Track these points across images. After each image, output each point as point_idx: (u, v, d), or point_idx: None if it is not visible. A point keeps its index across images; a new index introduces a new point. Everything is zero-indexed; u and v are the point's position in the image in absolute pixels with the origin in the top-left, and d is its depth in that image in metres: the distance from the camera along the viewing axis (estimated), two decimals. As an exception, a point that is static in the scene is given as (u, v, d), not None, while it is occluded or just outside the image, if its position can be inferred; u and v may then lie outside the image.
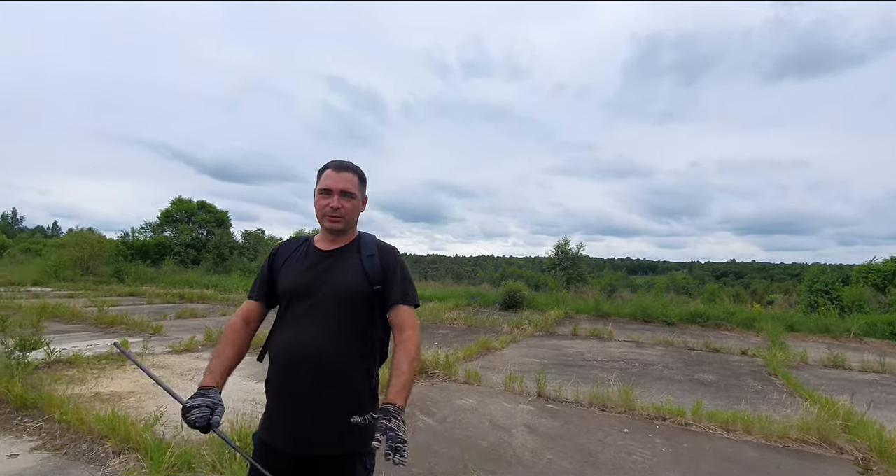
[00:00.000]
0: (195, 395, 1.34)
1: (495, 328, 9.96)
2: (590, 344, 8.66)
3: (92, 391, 4.30)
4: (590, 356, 7.40)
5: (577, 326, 10.11)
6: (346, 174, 1.53)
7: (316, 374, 1.41)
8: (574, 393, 4.78)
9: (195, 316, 10.14)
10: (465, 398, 4.65)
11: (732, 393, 5.43)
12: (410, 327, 1.51)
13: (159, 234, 27.09)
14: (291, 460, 1.41)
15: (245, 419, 3.51)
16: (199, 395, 1.33)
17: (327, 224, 1.51)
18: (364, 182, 1.61)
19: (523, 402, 4.62)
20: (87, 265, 20.02)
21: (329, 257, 1.54)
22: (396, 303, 1.52)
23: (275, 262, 1.60)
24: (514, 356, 7.06)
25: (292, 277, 1.52)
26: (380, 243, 1.61)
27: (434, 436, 3.63)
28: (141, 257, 24.33)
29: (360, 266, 1.51)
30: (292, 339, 1.45)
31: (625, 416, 4.27)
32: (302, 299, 1.48)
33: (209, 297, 14.12)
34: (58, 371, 4.84)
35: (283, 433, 1.42)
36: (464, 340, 8.06)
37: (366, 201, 1.64)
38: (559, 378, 5.57)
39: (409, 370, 1.40)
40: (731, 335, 10.86)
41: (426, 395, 4.68)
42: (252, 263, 25.66)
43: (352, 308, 1.47)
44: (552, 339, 9.21)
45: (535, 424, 3.99)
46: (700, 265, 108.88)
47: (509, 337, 8.55)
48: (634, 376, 6.01)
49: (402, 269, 1.58)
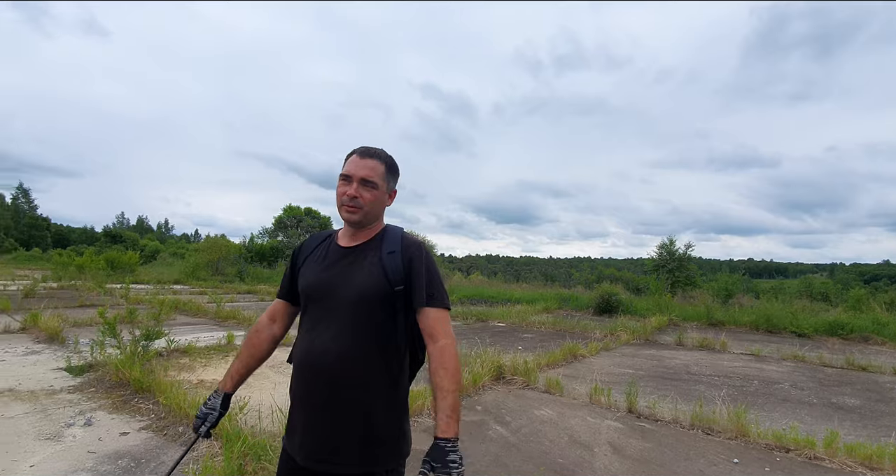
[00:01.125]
0: (205, 402, 1.42)
1: (586, 334, 9.33)
2: (697, 355, 7.69)
3: (198, 379, 4.77)
4: (696, 370, 6.54)
5: (682, 335, 9.07)
6: (370, 161, 1.38)
7: (329, 385, 1.29)
8: (672, 411, 4.20)
9: (296, 313, 10.98)
10: (545, 409, 4.33)
11: (881, 422, 4.39)
12: (443, 335, 1.31)
13: (273, 239, 30.13)
14: (310, 473, 1.32)
15: None
16: (204, 403, 1.41)
17: (344, 214, 1.38)
18: (393, 172, 1.44)
19: (610, 417, 4.17)
20: (217, 267, 22.90)
21: (349, 255, 1.40)
22: (422, 305, 1.33)
23: (297, 260, 1.51)
24: (603, 365, 6.49)
25: (309, 278, 1.41)
26: (405, 238, 1.43)
27: (506, 447, 3.40)
28: (259, 259, 27.25)
29: (379, 264, 1.35)
30: (307, 345, 1.35)
31: (735, 444, 3.63)
32: (318, 302, 1.36)
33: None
34: (172, 359, 5.48)
35: (299, 444, 1.32)
36: (549, 346, 7.64)
37: (394, 195, 1.48)
38: (655, 393, 4.97)
39: (452, 389, 1.24)
40: (883, 351, 8.95)
41: (502, 403, 4.44)
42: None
43: (370, 312, 1.32)
44: (651, 348, 8.36)
45: (621, 444, 3.55)
46: (843, 267, 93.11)
47: (600, 344, 7.93)
48: (751, 396, 5.15)
49: (429, 266, 1.38)
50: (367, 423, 1.29)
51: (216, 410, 1.44)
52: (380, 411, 1.31)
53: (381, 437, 1.30)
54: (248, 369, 1.49)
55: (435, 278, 1.38)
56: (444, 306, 1.36)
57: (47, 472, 2.73)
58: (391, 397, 1.34)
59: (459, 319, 11.46)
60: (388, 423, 1.32)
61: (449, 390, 1.24)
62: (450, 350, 1.29)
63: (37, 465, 2.82)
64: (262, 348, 1.50)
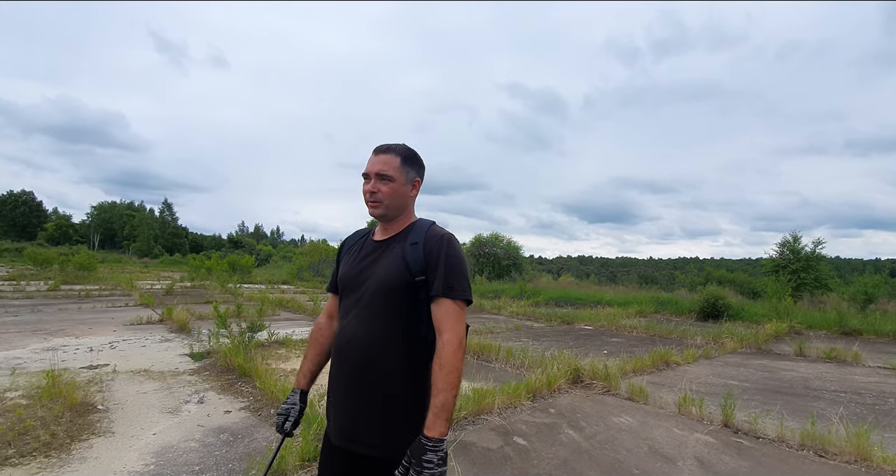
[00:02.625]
0: (285, 400, 1.51)
1: (683, 340, 8.56)
2: (821, 368, 6.67)
3: (291, 367, 5.24)
4: (818, 384, 5.68)
5: (803, 344, 7.92)
6: (384, 156, 1.44)
7: (355, 371, 1.37)
8: (777, 428, 3.70)
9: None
10: (624, 416, 4.07)
11: None
12: (448, 329, 1.29)
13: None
14: (344, 453, 1.40)
15: None
16: (284, 402, 1.50)
17: (369, 210, 1.46)
18: (410, 163, 1.47)
19: (701, 430, 3.79)
20: (318, 268, 24.91)
21: (379, 248, 1.48)
22: (437, 295, 1.33)
23: (340, 255, 1.62)
24: (700, 374, 5.91)
25: (343, 270, 1.52)
26: (430, 230, 1.45)
27: (577, 453, 3.26)
28: (354, 262, 29.09)
29: (401, 255, 1.40)
30: (339, 332, 1.44)
31: (854, 469, 3.09)
32: (350, 292, 1.45)
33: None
34: (272, 349, 6.08)
35: (332, 425, 1.43)
36: (638, 351, 7.14)
37: (417, 184, 1.50)
38: (760, 407, 4.41)
39: (444, 386, 1.22)
40: None
41: (578, 407, 4.26)
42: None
43: (394, 302, 1.36)
44: (763, 357, 7.41)
45: (711, 460, 3.22)
46: None
47: (699, 351, 7.22)
48: (882, 415, 4.35)
49: (450, 257, 1.37)
50: (387, 409, 1.33)
51: (297, 405, 1.53)
52: (401, 398, 1.34)
53: (403, 424, 1.33)
54: (318, 366, 1.59)
55: (455, 270, 1.36)
56: (462, 298, 1.34)
57: (165, 440, 3.20)
58: (415, 386, 1.36)
59: (543, 321, 11.19)
60: (410, 410, 1.34)
61: (441, 389, 1.22)
62: (450, 347, 1.27)
63: (158, 433, 3.32)
64: (326, 344, 1.59)
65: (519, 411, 4.07)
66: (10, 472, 2.66)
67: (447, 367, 1.24)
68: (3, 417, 3.19)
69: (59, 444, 3.03)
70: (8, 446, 2.88)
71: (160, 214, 68.08)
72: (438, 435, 1.19)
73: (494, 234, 29.41)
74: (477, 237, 29.01)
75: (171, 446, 3.12)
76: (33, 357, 5.47)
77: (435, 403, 1.21)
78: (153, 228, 60.69)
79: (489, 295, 17.91)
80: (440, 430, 1.19)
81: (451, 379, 1.23)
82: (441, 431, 1.19)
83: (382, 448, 1.32)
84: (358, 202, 1.67)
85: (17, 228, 59.72)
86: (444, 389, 1.22)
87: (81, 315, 9.23)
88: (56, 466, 2.77)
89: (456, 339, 1.28)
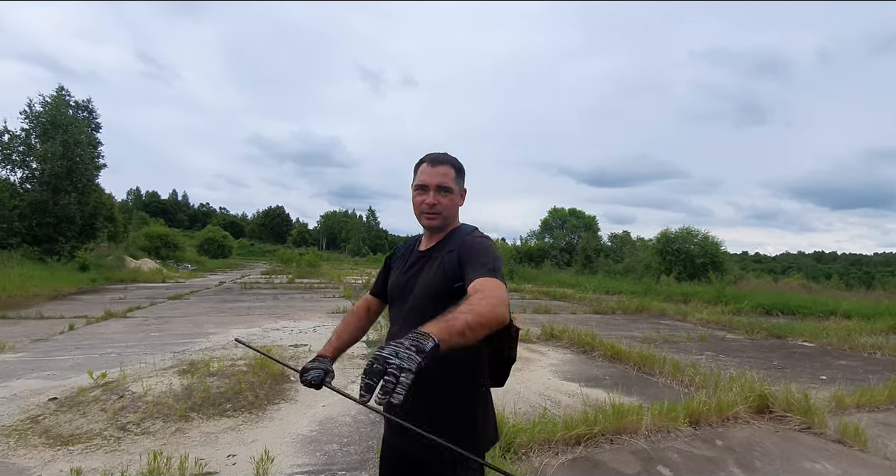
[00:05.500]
0: (312, 360, 1.47)
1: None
2: None
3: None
4: None
5: None
6: (442, 168, 1.45)
7: None
8: None
9: (549, 311, 11.31)
10: (824, 463, 3.13)
11: None
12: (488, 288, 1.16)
13: (541, 240, 31.75)
14: (399, 452, 1.46)
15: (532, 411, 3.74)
16: (316, 360, 1.47)
17: (424, 221, 1.48)
18: (461, 174, 1.50)
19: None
20: (492, 266, 25.93)
21: (422, 258, 1.50)
22: (470, 279, 1.23)
23: (388, 265, 1.66)
24: None
25: (391, 280, 1.57)
26: (468, 236, 1.43)
27: (738, 498, 2.67)
28: (528, 260, 29.26)
29: (441, 263, 1.41)
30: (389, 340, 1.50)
31: None
32: (397, 302, 1.50)
33: (569, 296, 15.37)
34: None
35: (386, 426, 1.51)
36: (874, 380, 5.37)
37: (464, 194, 1.52)
38: None
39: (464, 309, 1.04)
40: None
41: (756, 443, 3.46)
42: (618, 265, 26.02)
43: (437, 311, 1.35)
44: None
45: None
46: None
47: None
48: None
49: (476, 248, 1.34)
50: (433, 414, 1.36)
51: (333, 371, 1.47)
52: (446, 404, 1.37)
53: (447, 429, 1.33)
54: (345, 344, 1.61)
55: (483, 257, 1.29)
56: (495, 275, 1.23)
57: (329, 412, 3.82)
58: (461, 392, 1.38)
59: (742, 332, 9.35)
60: (455, 416, 1.36)
61: (460, 310, 1.05)
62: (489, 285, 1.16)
63: (326, 406, 3.97)
64: (359, 335, 1.65)
65: (672, 437, 3.52)
66: (225, 421, 3.55)
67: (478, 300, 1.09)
68: (229, 380, 4.27)
69: (259, 405, 3.90)
70: (227, 402, 3.84)
71: (367, 220, 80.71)
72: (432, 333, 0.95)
73: (686, 229, 25.80)
74: (663, 233, 25.89)
75: (332, 418, 3.71)
76: (262, 334, 7.15)
77: (445, 315, 1.03)
78: (361, 232, 72.45)
79: (675, 298, 15.83)
80: (437, 332, 0.96)
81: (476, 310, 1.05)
82: (437, 333, 0.95)
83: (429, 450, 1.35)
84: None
85: (274, 234, 78.67)
86: (462, 311, 1.04)
87: (302, 303, 11.60)
88: (253, 421, 3.59)
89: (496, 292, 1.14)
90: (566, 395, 4.54)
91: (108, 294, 12.87)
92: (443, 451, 1.32)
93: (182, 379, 4.18)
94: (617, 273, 24.49)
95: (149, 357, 5.39)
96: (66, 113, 20.34)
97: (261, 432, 3.40)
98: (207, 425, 3.47)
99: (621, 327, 9.46)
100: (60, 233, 19.47)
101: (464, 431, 1.37)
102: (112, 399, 3.72)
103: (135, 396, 3.78)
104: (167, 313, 9.38)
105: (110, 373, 4.41)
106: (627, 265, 25.55)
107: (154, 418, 3.47)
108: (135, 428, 3.34)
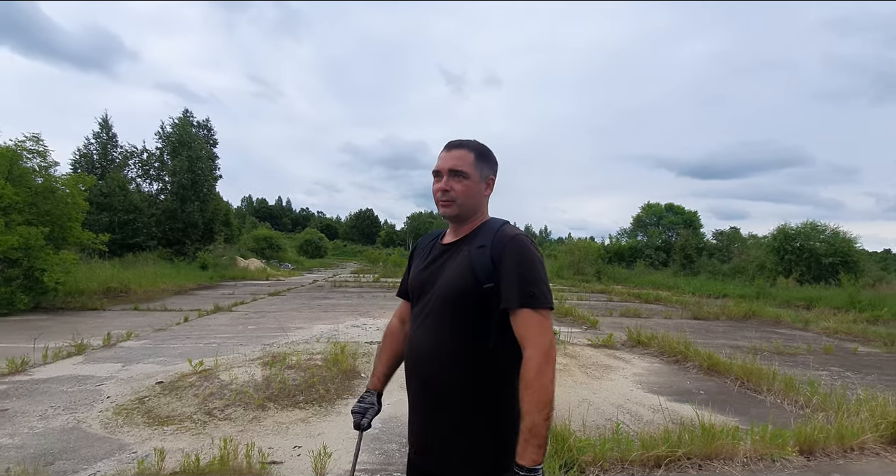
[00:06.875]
0: (360, 399, 1.46)
1: None
2: None
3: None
4: None
5: None
6: (457, 151, 1.32)
7: (423, 386, 1.30)
8: None
9: (638, 315, 10.47)
10: None
11: None
12: (531, 343, 1.16)
13: (633, 238, 29.73)
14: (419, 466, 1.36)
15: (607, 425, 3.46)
16: (359, 400, 1.46)
17: (440, 210, 1.34)
18: (485, 159, 1.34)
19: None
20: (577, 267, 24.78)
21: (446, 251, 1.36)
22: (512, 307, 1.18)
23: (411, 260, 1.54)
24: None
25: (412, 276, 1.45)
26: (500, 231, 1.27)
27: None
28: (618, 260, 27.56)
29: (468, 259, 1.26)
30: (408, 341, 1.39)
31: None
32: (418, 300, 1.38)
33: (664, 299, 14.14)
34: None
35: (411, 441, 1.40)
36: None
37: (491, 183, 1.36)
38: None
39: (530, 408, 1.11)
40: None
41: (894, 483, 2.81)
42: (724, 265, 23.46)
43: (460, 311, 1.25)
44: None
45: None
46: None
47: None
48: None
49: (521, 261, 1.20)
50: (450, 427, 1.25)
51: (374, 406, 1.46)
52: (463, 417, 1.24)
53: (465, 445, 1.23)
54: (390, 369, 1.54)
55: (529, 274, 1.19)
56: (544, 307, 1.18)
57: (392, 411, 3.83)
58: (481, 404, 1.23)
59: (879, 345, 7.86)
60: (474, 431, 1.23)
61: (527, 411, 1.11)
62: (534, 363, 1.13)
63: (391, 404, 3.99)
64: (397, 348, 1.53)
65: (778, 468, 2.99)
66: (297, 413, 3.73)
67: (531, 387, 1.13)
68: (304, 373, 4.49)
69: (329, 398, 4.05)
70: (300, 394, 4.04)
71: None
72: (530, 463, 1.08)
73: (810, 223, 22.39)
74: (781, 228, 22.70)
75: (395, 417, 3.71)
76: (344, 330, 7.49)
77: (523, 428, 1.12)
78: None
79: (795, 303, 13.83)
80: (531, 458, 1.08)
81: (537, 399, 1.11)
82: (533, 459, 1.08)
83: (446, 467, 1.26)
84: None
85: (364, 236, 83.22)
86: (531, 412, 1.11)
87: (384, 301, 12.02)
88: (322, 415, 3.72)
89: (539, 353, 1.15)
90: (649, 410, 4.11)
91: (221, 290, 14.47)
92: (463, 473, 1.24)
93: (264, 370, 4.49)
94: (723, 274, 22.08)
95: (242, 348, 5.90)
96: (190, 132, 23.40)
97: (327, 426, 3.52)
98: (281, 415, 3.67)
99: (724, 335, 8.45)
100: (187, 236, 22.44)
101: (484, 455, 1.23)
102: (205, 385, 4.10)
103: (222, 384, 4.13)
104: (265, 308, 10.27)
105: (207, 362, 4.89)
106: (736, 265, 22.89)
107: (236, 405, 3.76)
108: (219, 413, 3.63)
